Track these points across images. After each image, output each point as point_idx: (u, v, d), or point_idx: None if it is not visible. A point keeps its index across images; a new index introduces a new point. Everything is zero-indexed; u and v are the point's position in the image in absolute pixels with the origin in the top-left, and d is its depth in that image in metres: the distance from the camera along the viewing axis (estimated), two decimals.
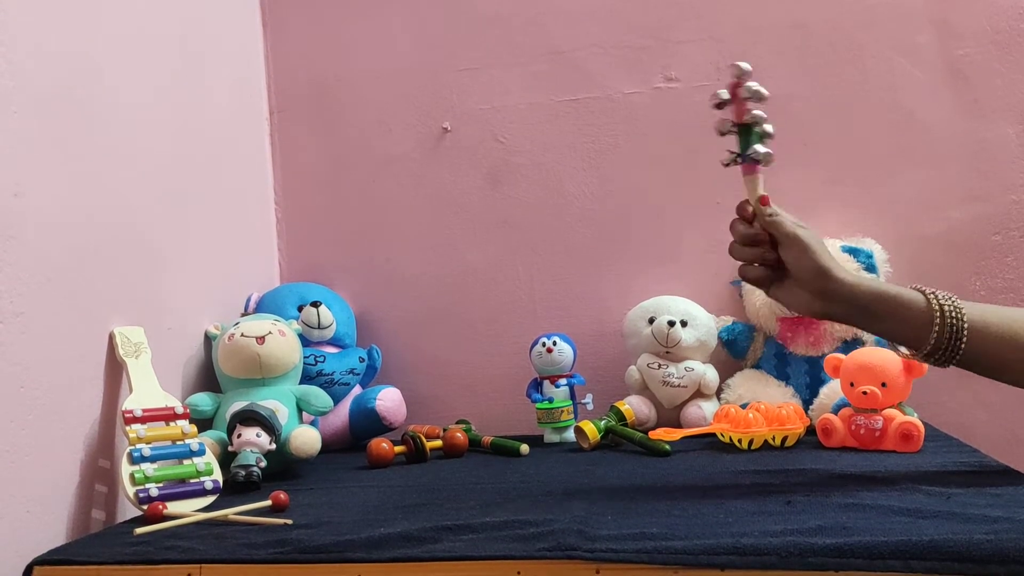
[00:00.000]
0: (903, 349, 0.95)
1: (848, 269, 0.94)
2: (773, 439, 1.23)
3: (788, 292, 0.95)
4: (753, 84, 0.95)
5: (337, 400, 1.47)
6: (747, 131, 0.96)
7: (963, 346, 0.89)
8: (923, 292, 0.92)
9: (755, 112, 0.96)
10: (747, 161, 0.96)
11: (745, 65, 0.96)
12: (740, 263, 0.97)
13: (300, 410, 1.33)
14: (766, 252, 0.94)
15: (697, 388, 1.43)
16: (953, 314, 0.89)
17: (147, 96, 1.30)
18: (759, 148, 0.95)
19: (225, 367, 1.33)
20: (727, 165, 0.98)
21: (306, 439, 1.24)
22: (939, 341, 0.89)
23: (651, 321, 1.45)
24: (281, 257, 1.74)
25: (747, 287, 1.46)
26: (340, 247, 1.71)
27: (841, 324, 1.22)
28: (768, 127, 0.96)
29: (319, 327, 1.52)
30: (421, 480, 1.18)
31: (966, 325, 0.89)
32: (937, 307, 0.90)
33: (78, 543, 0.96)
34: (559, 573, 0.77)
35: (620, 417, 1.37)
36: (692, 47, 1.58)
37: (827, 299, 0.92)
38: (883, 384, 1.15)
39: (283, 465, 1.25)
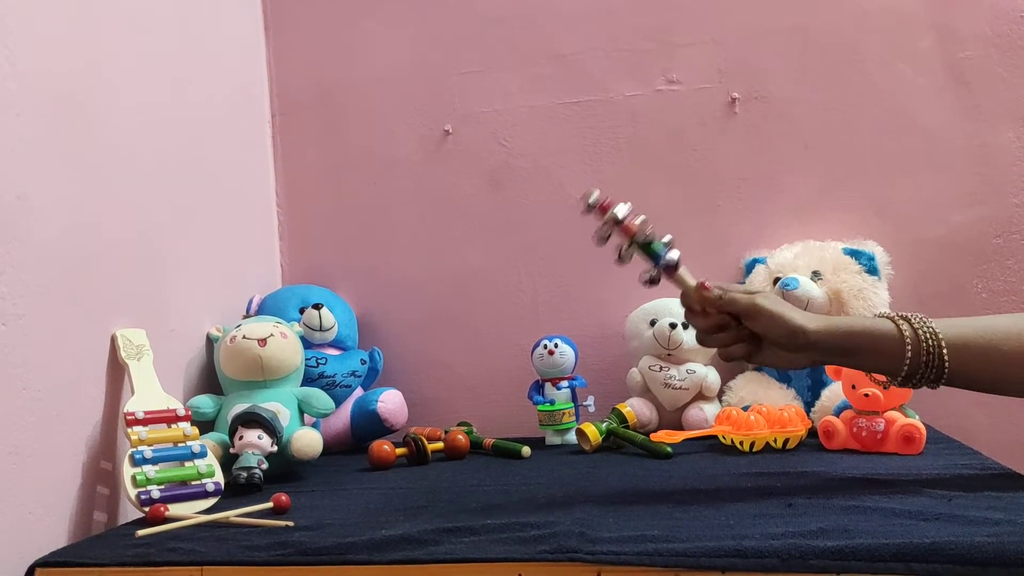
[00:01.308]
0: (879, 378, 0.95)
1: (793, 308, 0.93)
2: (775, 441, 1.23)
3: (770, 356, 0.95)
4: (617, 209, 0.94)
5: (339, 402, 1.47)
6: (645, 245, 0.95)
7: (946, 367, 0.89)
8: (892, 319, 0.91)
9: (643, 224, 0.95)
10: (665, 270, 0.95)
11: (594, 195, 0.95)
12: (717, 349, 0.97)
13: (302, 412, 1.33)
14: (737, 330, 0.94)
15: (699, 390, 1.43)
16: (927, 337, 0.89)
17: (149, 99, 1.31)
18: (669, 256, 0.94)
19: (227, 369, 1.33)
20: (650, 284, 0.96)
21: (308, 441, 1.24)
22: (915, 365, 0.89)
23: (653, 323, 1.45)
24: (283, 259, 1.74)
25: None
26: (342, 249, 1.71)
27: None
28: (650, 228, 0.95)
29: (321, 329, 1.53)
30: (422, 482, 1.18)
31: (944, 346, 0.88)
32: (909, 332, 0.89)
33: (80, 545, 0.97)
34: (560, 575, 0.77)
35: (622, 419, 1.37)
36: (693, 50, 1.58)
37: (808, 350, 0.92)
38: (884, 387, 1.15)
39: (285, 467, 1.25)
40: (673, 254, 0.95)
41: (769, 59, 1.55)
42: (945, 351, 0.88)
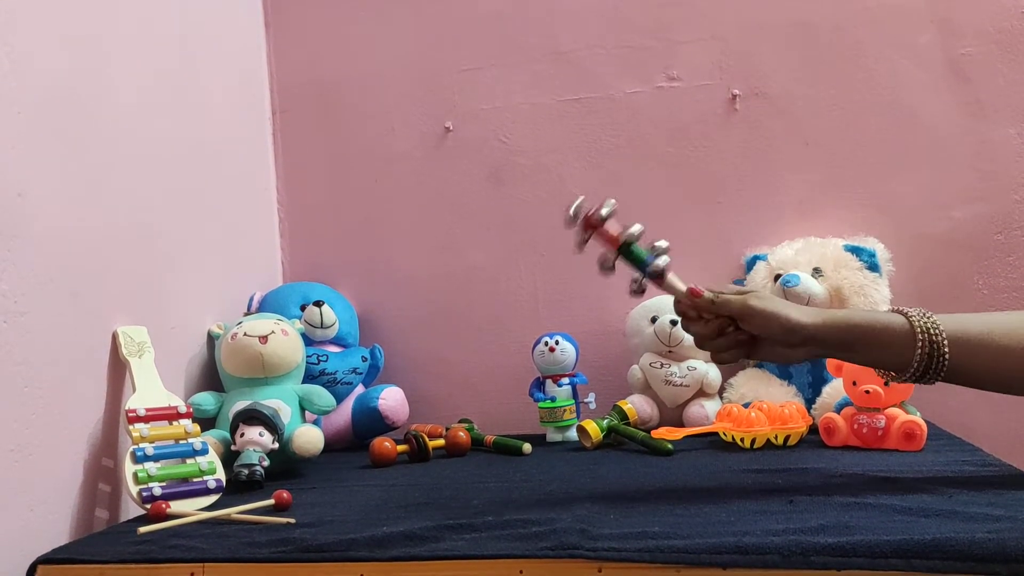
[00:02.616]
0: (886, 373, 0.94)
1: (787, 304, 0.92)
2: (775, 438, 1.23)
3: (768, 353, 0.94)
4: (603, 209, 0.92)
5: (340, 399, 1.47)
6: (629, 251, 0.94)
7: (946, 362, 0.88)
8: (902, 313, 0.90)
9: (628, 231, 0.93)
10: (653, 278, 0.94)
11: (576, 203, 0.94)
12: (712, 353, 0.96)
13: (303, 409, 1.33)
14: (736, 335, 0.93)
15: (699, 387, 1.43)
16: (932, 331, 0.88)
17: (150, 96, 1.31)
18: (657, 262, 0.93)
19: (228, 366, 1.33)
20: (638, 293, 0.96)
21: (309, 438, 1.24)
22: (923, 360, 0.88)
23: (653, 320, 1.45)
24: (284, 256, 1.74)
25: (749, 285, 1.46)
26: (343, 246, 1.71)
27: None
28: (637, 228, 0.93)
29: (322, 326, 1.53)
30: (423, 479, 1.18)
31: (946, 340, 0.87)
32: (919, 327, 0.88)
33: (81, 542, 0.97)
34: (561, 572, 0.77)
35: (622, 416, 1.38)
36: (694, 46, 1.58)
37: (807, 345, 0.91)
38: (886, 383, 1.15)
39: (286, 464, 1.25)
40: (660, 261, 0.93)
41: (770, 55, 1.55)
42: (946, 346, 0.87)
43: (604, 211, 0.93)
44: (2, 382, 0.96)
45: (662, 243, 0.94)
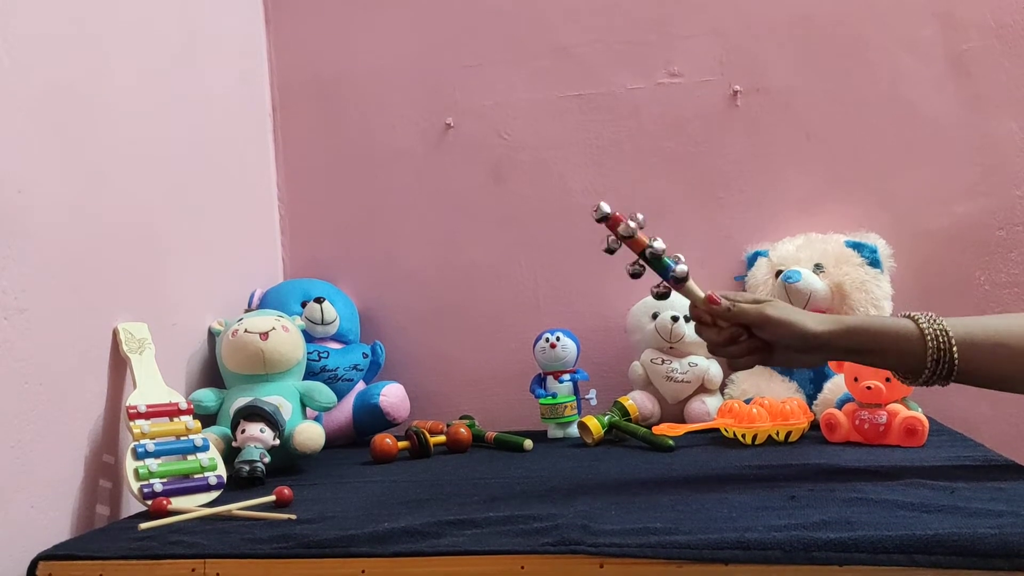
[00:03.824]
0: (901, 376, 0.95)
1: (801, 312, 0.94)
2: (777, 434, 1.23)
3: (782, 358, 0.97)
4: (629, 223, 0.96)
5: (341, 396, 1.47)
6: (655, 259, 0.96)
7: (956, 365, 0.89)
8: (913, 318, 0.92)
9: (653, 244, 0.96)
10: (675, 283, 0.97)
11: (604, 207, 0.96)
12: (728, 360, 0.98)
13: (304, 406, 1.33)
14: (750, 342, 0.95)
15: (701, 383, 1.43)
16: (941, 335, 0.89)
17: (150, 93, 1.30)
18: (678, 268, 0.96)
19: (229, 363, 1.33)
20: (662, 297, 0.99)
21: (310, 435, 1.24)
22: (935, 364, 0.90)
23: (655, 316, 1.45)
24: (284, 253, 1.74)
25: (751, 282, 1.46)
26: (343, 243, 1.71)
27: None
28: (660, 245, 0.96)
29: (322, 323, 1.53)
30: (424, 475, 1.18)
31: (955, 344, 0.89)
32: (930, 331, 0.90)
33: (82, 538, 0.97)
34: (563, 568, 0.77)
35: (624, 412, 1.37)
36: (695, 42, 1.58)
37: (821, 351, 0.93)
38: (887, 379, 1.15)
39: (287, 461, 1.26)
40: (681, 268, 0.96)
41: (771, 51, 1.55)
42: (955, 349, 0.89)
43: (633, 224, 0.96)
44: (3, 379, 0.96)
45: (679, 256, 0.98)
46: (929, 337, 0.89)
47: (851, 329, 0.92)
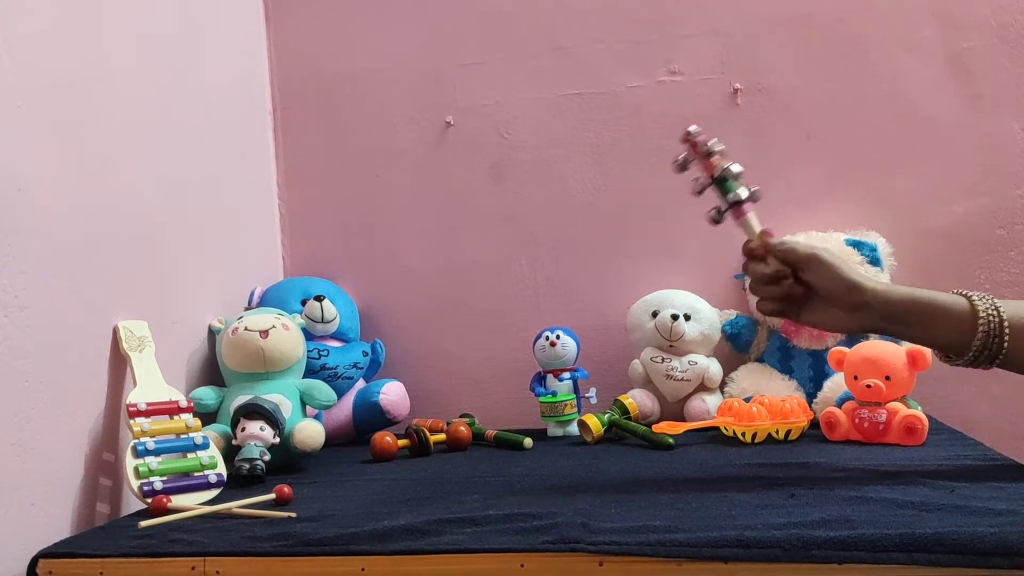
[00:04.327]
0: (942, 354, 0.93)
1: (855, 266, 0.92)
2: (777, 433, 1.23)
3: (820, 313, 0.93)
4: (711, 141, 0.96)
5: (341, 394, 1.47)
6: (722, 182, 0.97)
7: (1005, 347, 0.86)
8: (966, 296, 0.89)
9: (725, 166, 0.96)
10: (736, 206, 0.96)
11: (694, 128, 0.97)
12: (758, 299, 0.96)
13: (304, 404, 1.33)
14: (792, 286, 0.93)
15: (700, 382, 1.43)
16: (993, 316, 0.86)
17: (150, 91, 1.30)
18: (742, 191, 0.96)
19: (229, 361, 1.33)
20: (717, 223, 0.99)
21: (310, 433, 1.24)
22: (982, 346, 0.87)
23: (655, 315, 1.45)
24: (285, 251, 1.74)
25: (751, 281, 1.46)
26: (344, 241, 1.71)
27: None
28: (736, 168, 0.96)
29: (323, 321, 1.53)
30: (424, 474, 1.18)
31: (1007, 325, 0.86)
32: (984, 312, 0.86)
33: (83, 536, 0.97)
34: (562, 566, 0.77)
35: (624, 411, 1.38)
36: (695, 40, 1.58)
37: (862, 312, 0.90)
38: (887, 377, 1.15)
39: (287, 459, 1.26)
40: (744, 192, 0.95)
41: (771, 50, 1.55)
42: (1007, 332, 0.86)
43: (714, 146, 0.96)
44: (3, 377, 0.96)
45: (755, 188, 0.97)
46: (982, 319, 0.86)
47: (901, 294, 0.89)
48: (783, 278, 0.93)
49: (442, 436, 1.39)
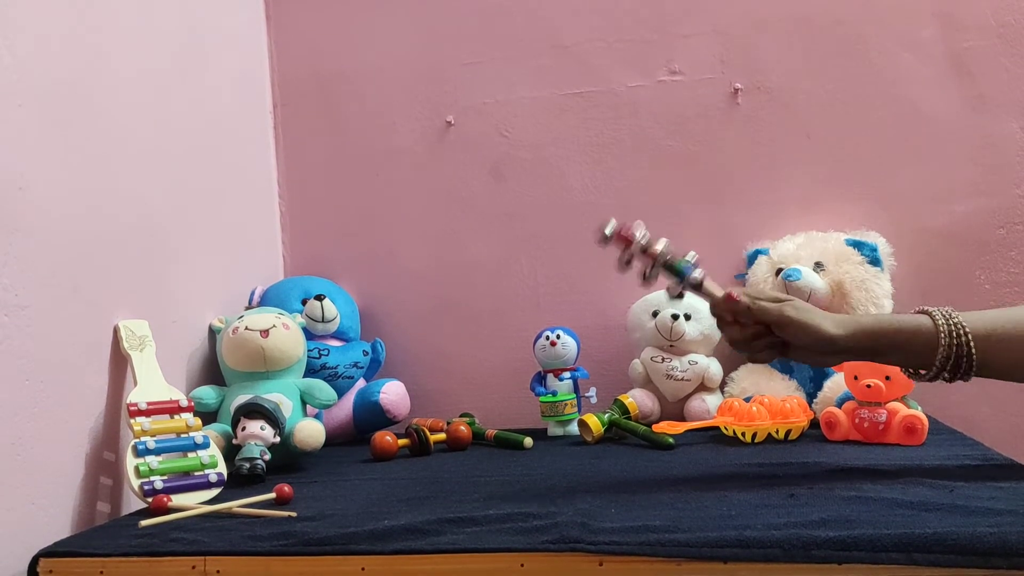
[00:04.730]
0: (914, 373, 0.95)
1: (823, 315, 0.93)
2: (777, 432, 1.23)
3: (800, 355, 0.96)
4: (639, 233, 0.96)
5: (341, 393, 1.47)
6: (669, 265, 0.97)
7: (975, 359, 0.88)
8: (927, 312, 0.91)
9: (665, 251, 0.96)
10: (692, 288, 0.98)
11: (610, 225, 0.97)
12: (748, 354, 0.98)
13: (304, 403, 1.33)
14: (771, 339, 0.95)
15: (701, 381, 1.43)
16: (957, 330, 0.89)
17: (151, 90, 1.30)
18: (694, 274, 0.97)
19: (229, 360, 1.33)
20: (678, 297, 1.03)
21: (310, 432, 1.24)
22: (945, 360, 0.89)
23: (655, 315, 1.45)
24: (285, 251, 1.74)
25: (751, 280, 1.46)
26: (344, 241, 1.71)
27: None
28: (671, 248, 0.97)
29: (323, 320, 1.53)
30: (425, 473, 1.19)
31: (971, 338, 0.88)
32: (943, 326, 0.89)
33: (83, 535, 0.97)
34: (562, 565, 0.77)
35: (624, 410, 1.38)
36: (696, 40, 1.57)
37: (836, 353, 0.94)
38: (887, 377, 1.15)
39: (287, 458, 1.26)
40: (697, 272, 0.97)
41: (772, 49, 1.55)
42: (973, 344, 0.88)
43: (639, 234, 0.96)
44: (3, 376, 0.96)
45: (691, 255, 0.98)
46: (943, 333, 0.89)
47: (868, 331, 0.92)
48: (762, 335, 0.95)
49: (442, 436, 1.39)
